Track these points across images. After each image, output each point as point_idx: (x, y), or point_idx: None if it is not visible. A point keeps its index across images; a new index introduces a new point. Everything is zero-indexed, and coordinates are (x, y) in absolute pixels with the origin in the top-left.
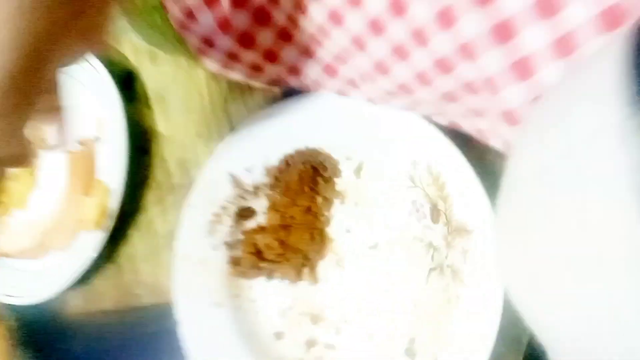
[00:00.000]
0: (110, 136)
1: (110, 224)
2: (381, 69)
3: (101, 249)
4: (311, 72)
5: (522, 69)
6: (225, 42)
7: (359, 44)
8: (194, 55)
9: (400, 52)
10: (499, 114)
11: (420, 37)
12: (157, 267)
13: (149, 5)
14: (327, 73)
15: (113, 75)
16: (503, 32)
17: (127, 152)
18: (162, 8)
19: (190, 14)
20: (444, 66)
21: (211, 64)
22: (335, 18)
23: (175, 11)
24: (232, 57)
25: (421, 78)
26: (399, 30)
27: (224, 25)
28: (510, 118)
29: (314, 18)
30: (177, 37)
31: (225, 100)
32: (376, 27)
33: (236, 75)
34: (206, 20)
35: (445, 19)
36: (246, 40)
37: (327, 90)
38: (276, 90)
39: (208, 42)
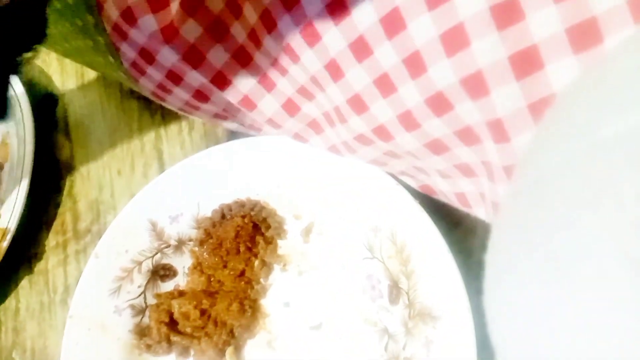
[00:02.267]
0: (14, 164)
1: None
2: (357, 104)
3: None
4: (267, 107)
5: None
6: (168, 56)
7: (334, 69)
8: (128, 73)
9: (384, 85)
10: (500, 169)
11: (414, 64)
12: (46, 328)
13: (80, 3)
14: (286, 110)
15: (30, 94)
16: (527, 62)
17: (29, 185)
18: (97, 7)
19: (129, 16)
20: (439, 104)
21: (147, 85)
22: (313, 35)
23: (112, 11)
24: (173, 78)
25: (406, 119)
26: (387, 55)
27: (170, 33)
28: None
29: (283, 36)
30: (110, 49)
31: (158, 137)
32: (359, 49)
33: (175, 102)
34: (148, 25)
35: (453, 40)
36: (194, 56)
37: (281, 133)
38: (219, 129)
39: (147, 57)
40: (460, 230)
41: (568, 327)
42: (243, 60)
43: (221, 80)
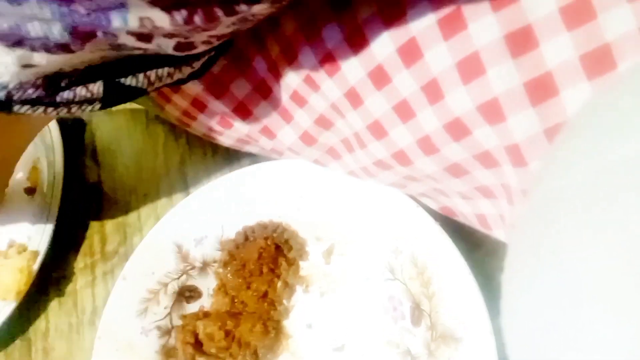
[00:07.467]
0: (44, 188)
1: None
2: (376, 130)
3: (10, 320)
4: (286, 137)
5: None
6: (193, 86)
7: (353, 96)
8: (154, 100)
9: (403, 111)
10: (518, 192)
11: (431, 91)
12: (75, 348)
13: None
14: (304, 141)
15: (58, 119)
16: (542, 88)
17: (59, 208)
18: None
19: None
20: (457, 129)
21: (172, 112)
22: (333, 65)
23: None
24: (197, 106)
25: (425, 144)
26: (405, 82)
27: None
28: None
29: (304, 67)
30: None
31: (183, 160)
32: (378, 77)
33: (199, 128)
34: None
35: (469, 68)
36: (217, 87)
37: (301, 158)
38: (241, 153)
39: (172, 86)
40: (481, 252)
41: (579, 345)
42: (263, 92)
43: (243, 111)
